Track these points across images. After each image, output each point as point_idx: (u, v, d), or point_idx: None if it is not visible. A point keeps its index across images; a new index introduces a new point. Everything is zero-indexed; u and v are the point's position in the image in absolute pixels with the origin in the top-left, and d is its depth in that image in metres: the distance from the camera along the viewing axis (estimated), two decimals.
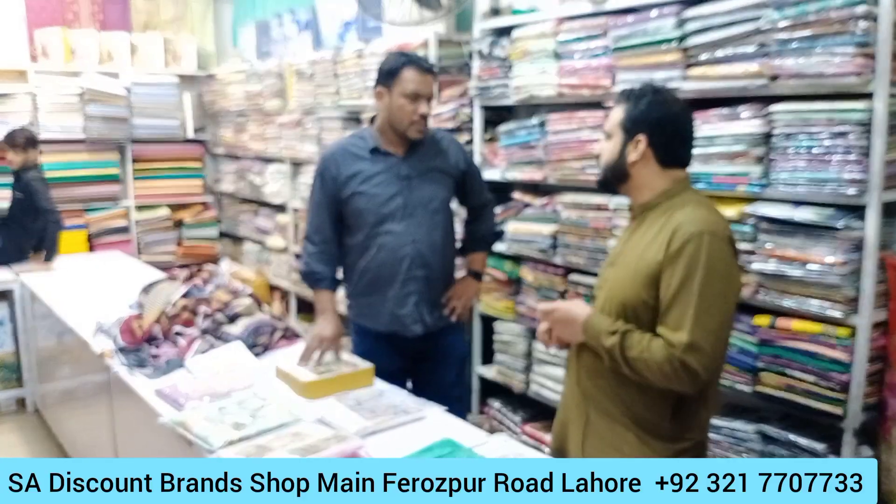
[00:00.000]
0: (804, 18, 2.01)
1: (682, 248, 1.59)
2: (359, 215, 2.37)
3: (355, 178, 2.37)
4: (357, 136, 2.46)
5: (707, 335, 1.56)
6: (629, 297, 1.67)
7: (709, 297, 1.57)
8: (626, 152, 1.72)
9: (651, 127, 1.69)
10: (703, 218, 1.63)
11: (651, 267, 1.63)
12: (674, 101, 1.74)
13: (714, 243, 1.59)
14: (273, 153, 4.76)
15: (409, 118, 2.31)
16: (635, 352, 1.61)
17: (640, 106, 1.70)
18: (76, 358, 3.16)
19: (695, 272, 1.57)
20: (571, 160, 2.76)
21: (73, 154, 5.10)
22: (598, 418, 1.75)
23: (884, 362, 2.07)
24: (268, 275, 4.98)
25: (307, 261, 2.45)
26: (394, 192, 2.35)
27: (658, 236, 1.65)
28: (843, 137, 1.98)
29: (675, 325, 1.57)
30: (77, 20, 5.27)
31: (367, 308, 2.46)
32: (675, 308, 1.58)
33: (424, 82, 2.30)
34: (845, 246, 2.00)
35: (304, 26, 4.49)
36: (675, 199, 1.70)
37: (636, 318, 1.67)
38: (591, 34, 2.64)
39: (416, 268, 2.37)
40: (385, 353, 2.42)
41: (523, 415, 3.14)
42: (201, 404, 2.04)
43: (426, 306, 2.41)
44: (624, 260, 1.74)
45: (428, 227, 2.38)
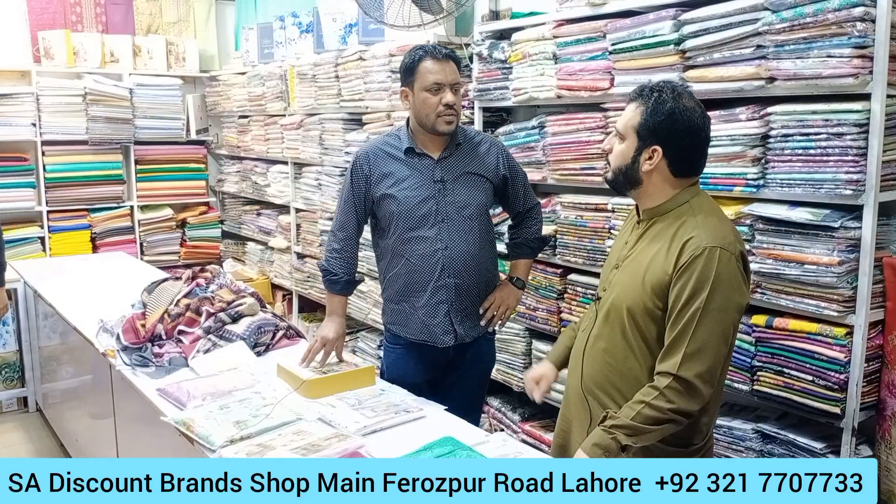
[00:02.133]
0: (801, 20, 2.02)
1: (692, 262, 1.60)
2: (390, 218, 2.29)
3: (387, 178, 2.28)
4: (393, 136, 2.36)
5: (704, 350, 1.59)
6: (635, 304, 1.68)
7: (711, 311, 1.58)
8: (639, 160, 1.69)
9: (668, 140, 1.66)
10: (715, 230, 1.63)
11: (659, 277, 1.64)
12: (692, 109, 1.67)
13: (724, 258, 1.60)
14: (275, 154, 4.78)
15: (434, 111, 2.20)
16: (634, 419, 1.60)
17: (659, 115, 1.64)
18: (79, 357, 3.18)
19: (701, 291, 1.58)
20: (570, 161, 2.78)
21: (76, 155, 5.12)
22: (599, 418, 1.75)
23: (881, 362, 2.09)
24: (270, 275, 5.00)
25: (328, 257, 2.40)
26: (426, 195, 2.25)
27: (668, 246, 1.65)
28: (841, 138, 1.99)
29: (670, 349, 1.61)
30: (80, 22, 5.29)
31: (398, 315, 2.37)
32: (676, 328, 1.61)
33: (443, 71, 2.20)
34: (842, 246, 2.01)
35: (305, 29, 4.50)
36: (685, 206, 1.70)
37: (639, 325, 1.69)
38: (590, 37, 2.65)
39: (447, 276, 2.27)
40: (415, 362, 2.36)
41: (522, 413, 3.15)
42: (204, 403, 2.05)
43: (458, 316, 2.31)
44: (631, 265, 1.74)
45: (462, 233, 2.27)
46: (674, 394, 1.59)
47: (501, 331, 3.16)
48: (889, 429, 2.07)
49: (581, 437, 1.79)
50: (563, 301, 2.87)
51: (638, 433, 1.61)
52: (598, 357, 1.77)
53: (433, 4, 2.93)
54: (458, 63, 2.27)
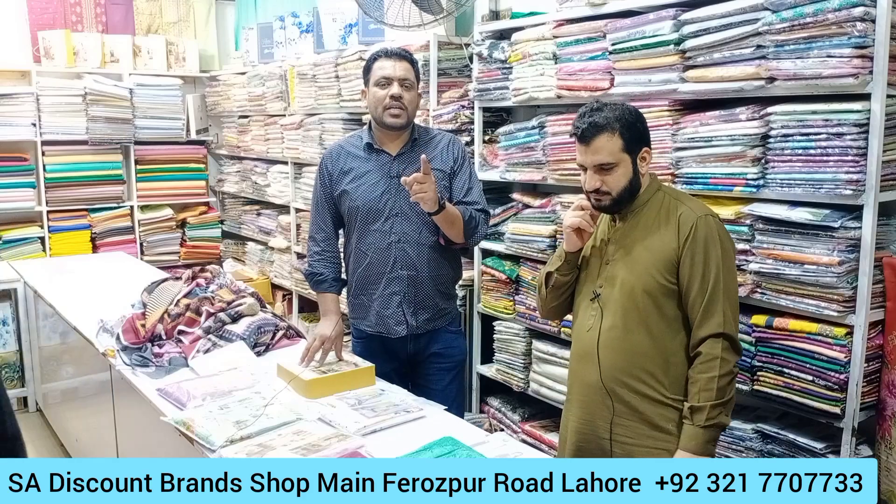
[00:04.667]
0: (801, 20, 2.02)
1: (695, 232, 1.79)
2: (349, 214, 2.39)
3: (347, 175, 2.38)
4: (356, 136, 2.47)
5: (734, 305, 1.80)
6: (649, 283, 1.82)
7: (727, 269, 1.79)
8: (638, 170, 1.86)
9: (646, 135, 1.88)
10: (695, 203, 1.88)
11: (667, 254, 1.81)
12: (631, 106, 1.88)
13: (717, 223, 1.83)
14: (275, 154, 4.78)
15: (381, 103, 2.29)
16: (719, 397, 1.75)
17: (631, 126, 1.82)
18: (79, 357, 3.18)
19: (714, 253, 1.78)
20: (570, 161, 2.77)
21: (76, 155, 5.12)
22: (624, 409, 1.87)
23: (881, 362, 2.09)
24: (270, 275, 5.00)
25: (310, 262, 2.47)
26: (382, 190, 2.34)
27: (665, 226, 1.83)
28: (840, 138, 1.99)
29: (707, 312, 1.77)
30: (80, 22, 5.29)
31: (358, 308, 2.46)
32: (706, 292, 1.77)
33: (393, 67, 2.30)
34: (842, 246, 2.01)
35: (305, 29, 4.50)
36: (659, 194, 1.90)
37: (658, 303, 1.82)
38: (590, 37, 2.65)
39: (400, 268, 2.34)
40: (377, 354, 2.42)
41: (522, 413, 3.16)
42: (203, 403, 2.05)
43: (410, 307, 2.37)
44: (629, 255, 1.87)
45: (416, 226, 2.34)
46: (729, 353, 1.77)
47: (501, 331, 3.16)
48: (889, 429, 2.07)
49: (606, 432, 1.88)
50: None
51: (728, 405, 1.77)
52: (617, 346, 1.85)
53: (433, 4, 2.93)
54: (413, 64, 2.36)
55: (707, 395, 1.75)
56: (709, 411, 1.74)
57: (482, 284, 3.26)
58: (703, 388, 1.75)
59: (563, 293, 2.03)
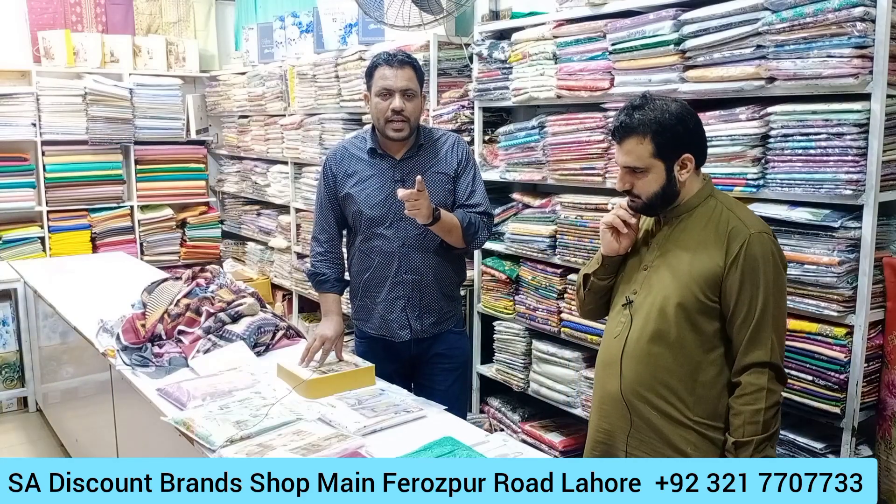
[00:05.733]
0: (801, 20, 2.02)
1: (746, 250, 1.65)
2: (353, 217, 2.38)
3: (351, 178, 2.36)
4: (359, 137, 2.45)
5: (781, 333, 1.69)
6: (686, 299, 1.70)
7: (777, 294, 1.66)
8: (673, 177, 1.72)
9: (689, 140, 1.72)
10: (750, 217, 1.72)
11: (711, 269, 1.68)
12: (670, 101, 1.73)
13: (771, 242, 1.69)
14: (275, 154, 4.78)
15: (383, 115, 2.25)
16: (766, 430, 1.64)
17: (668, 129, 1.68)
18: (79, 357, 3.18)
19: (764, 277, 1.65)
20: (570, 161, 2.78)
21: (76, 155, 5.12)
22: (642, 424, 1.77)
23: (881, 362, 2.09)
24: (270, 275, 5.00)
25: (313, 262, 2.47)
26: (385, 195, 2.31)
27: (712, 239, 1.70)
28: (840, 138, 1.99)
29: (754, 341, 1.65)
30: (80, 22, 5.29)
31: (361, 311, 2.45)
32: (753, 318, 1.65)
33: (395, 76, 2.24)
34: (842, 246, 2.01)
35: (305, 29, 4.50)
36: (710, 200, 1.75)
37: (693, 319, 1.70)
38: (590, 37, 2.65)
39: (404, 272, 2.33)
40: (380, 356, 2.41)
41: (522, 413, 3.16)
42: (203, 403, 2.05)
43: (414, 312, 2.36)
44: (668, 264, 1.75)
45: (421, 231, 2.30)
46: (774, 383, 1.66)
47: (501, 331, 3.16)
48: (889, 429, 2.07)
49: (623, 444, 1.80)
50: (563, 301, 2.87)
51: (774, 437, 1.68)
52: (643, 358, 1.74)
53: (433, 4, 2.93)
54: (416, 70, 2.30)
55: (752, 428, 1.64)
56: (755, 446, 1.63)
57: (482, 284, 3.27)
58: (749, 420, 1.64)
59: (603, 296, 1.93)
